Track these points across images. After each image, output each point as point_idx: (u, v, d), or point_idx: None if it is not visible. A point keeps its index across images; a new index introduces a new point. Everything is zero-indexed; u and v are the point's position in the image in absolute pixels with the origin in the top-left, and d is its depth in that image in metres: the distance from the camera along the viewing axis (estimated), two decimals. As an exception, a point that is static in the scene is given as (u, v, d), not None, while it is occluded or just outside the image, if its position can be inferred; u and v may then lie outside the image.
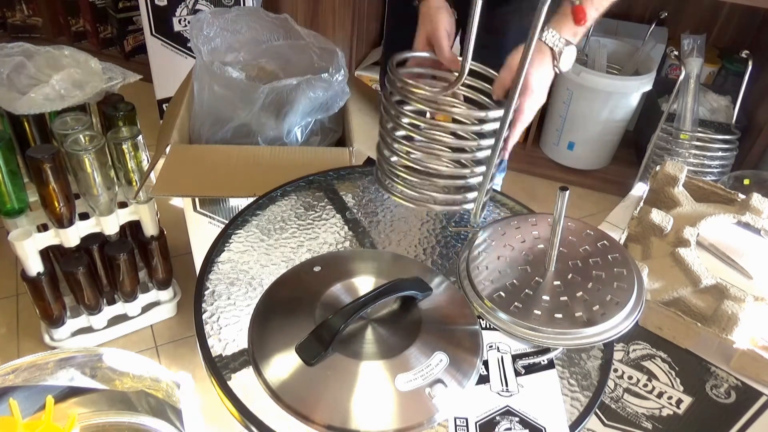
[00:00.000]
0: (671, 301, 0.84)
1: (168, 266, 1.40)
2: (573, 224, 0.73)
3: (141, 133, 1.19)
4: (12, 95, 1.12)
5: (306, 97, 1.05)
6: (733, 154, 1.75)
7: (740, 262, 0.91)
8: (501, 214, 0.85)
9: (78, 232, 1.20)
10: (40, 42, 1.29)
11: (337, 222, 0.81)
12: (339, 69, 1.08)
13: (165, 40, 1.82)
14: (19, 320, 1.43)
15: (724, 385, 0.83)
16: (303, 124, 1.09)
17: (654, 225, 0.94)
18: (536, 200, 1.96)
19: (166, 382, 0.75)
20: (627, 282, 0.65)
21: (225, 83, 1.05)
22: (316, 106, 1.07)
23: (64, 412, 0.71)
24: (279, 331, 0.60)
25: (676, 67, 2.00)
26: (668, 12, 1.95)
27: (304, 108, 1.06)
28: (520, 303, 0.63)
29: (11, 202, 1.17)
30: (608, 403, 0.93)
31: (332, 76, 1.06)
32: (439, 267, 0.75)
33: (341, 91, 1.09)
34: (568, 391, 0.61)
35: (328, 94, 1.07)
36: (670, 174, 1.03)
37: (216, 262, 0.72)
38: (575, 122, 1.94)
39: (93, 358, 0.73)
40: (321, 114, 1.10)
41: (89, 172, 1.12)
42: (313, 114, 1.09)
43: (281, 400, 0.55)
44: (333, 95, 1.08)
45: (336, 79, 1.07)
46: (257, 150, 1.03)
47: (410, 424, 0.54)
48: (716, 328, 0.80)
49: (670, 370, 0.87)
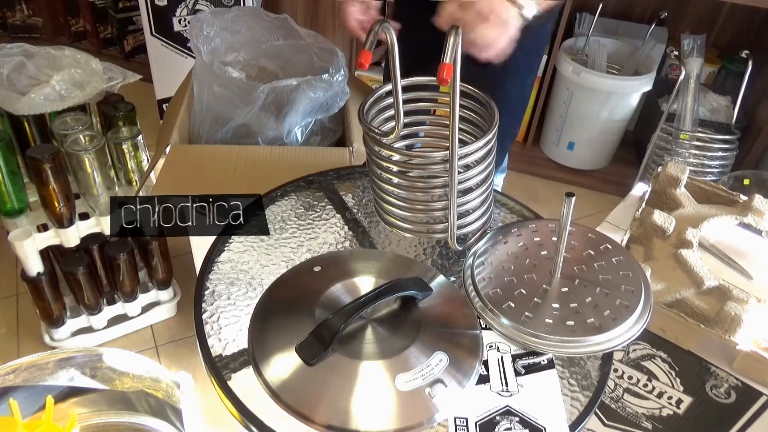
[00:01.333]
0: (674, 302, 0.84)
1: (168, 266, 1.40)
2: (574, 228, 0.72)
3: (141, 133, 1.19)
4: (12, 96, 1.12)
5: (306, 98, 1.05)
6: (733, 154, 1.75)
7: (742, 264, 0.91)
8: (501, 214, 0.85)
9: (78, 232, 1.20)
10: (40, 42, 1.29)
11: (337, 222, 0.81)
12: (339, 69, 1.08)
13: (165, 40, 1.82)
14: (19, 320, 1.43)
15: (724, 385, 0.83)
16: (303, 124, 1.09)
17: (656, 226, 0.94)
18: (536, 200, 1.96)
19: (166, 382, 0.75)
20: (634, 284, 0.65)
21: (225, 83, 1.05)
22: (316, 106, 1.07)
23: (64, 412, 0.71)
24: (279, 331, 0.60)
25: (676, 67, 2.00)
26: (668, 12, 1.95)
27: (304, 108, 1.06)
28: (531, 312, 0.63)
29: (11, 202, 1.17)
30: (608, 403, 0.93)
31: (332, 77, 1.06)
32: (439, 267, 0.75)
33: (341, 91, 1.09)
34: (568, 391, 0.61)
35: (328, 95, 1.07)
36: (671, 175, 1.03)
37: (216, 262, 0.72)
38: (575, 122, 1.94)
39: (93, 358, 0.73)
40: (321, 114, 1.10)
41: (89, 172, 1.12)
42: (313, 114, 1.09)
43: (281, 400, 0.55)
44: (333, 95, 1.08)
45: (336, 79, 1.07)
46: (257, 150, 1.03)
47: (410, 424, 0.54)
48: (719, 329, 0.80)
49: (670, 370, 0.87)
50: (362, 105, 0.70)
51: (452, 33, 0.54)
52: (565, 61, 1.85)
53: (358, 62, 0.58)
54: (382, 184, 0.71)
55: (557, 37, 1.85)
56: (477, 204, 0.71)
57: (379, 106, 0.73)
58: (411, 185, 0.69)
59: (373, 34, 0.59)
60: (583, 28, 1.96)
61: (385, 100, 0.73)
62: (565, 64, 1.85)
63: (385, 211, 0.73)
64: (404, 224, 0.72)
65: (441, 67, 0.53)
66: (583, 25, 1.97)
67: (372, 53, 0.58)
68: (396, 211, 0.72)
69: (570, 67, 1.84)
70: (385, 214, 0.73)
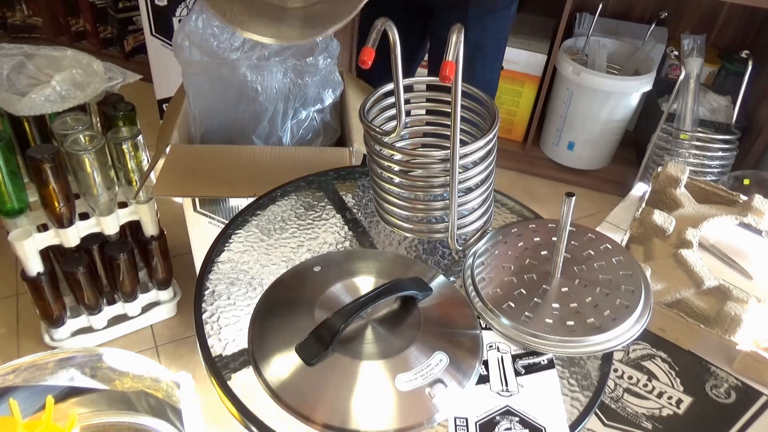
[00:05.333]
0: (674, 302, 0.84)
1: (168, 266, 1.40)
2: (574, 228, 0.72)
3: (141, 133, 1.19)
4: (12, 97, 1.12)
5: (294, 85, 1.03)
6: (733, 154, 1.75)
7: (742, 264, 0.91)
8: (501, 214, 0.85)
9: (78, 232, 1.20)
10: (40, 42, 1.29)
11: (337, 222, 0.81)
12: (323, 51, 1.06)
13: (165, 40, 1.81)
14: (19, 320, 1.43)
15: (724, 385, 0.83)
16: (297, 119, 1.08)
17: (656, 226, 0.94)
18: (536, 200, 1.96)
19: (166, 382, 0.75)
20: (634, 284, 0.65)
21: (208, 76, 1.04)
22: (307, 96, 1.06)
23: (64, 412, 0.71)
24: (279, 331, 0.60)
25: (676, 67, 2.00)
26: (668, 12, 1.95)
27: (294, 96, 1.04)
28: (531, 312, 0.62)
29: (11, 202, 1.17)
30: (608, 403, 0.93)
31: (316, 59, 1.04)
32: (439, 267, 0.75)
33: (331, 79, 1.08)
34: (568, 391, 0.61)
35: (316, 80, 1.05)
36: (671, 175, 1.03)
37: (216, 262, 0.72)
38: (575, 122, 1.94)
39: (93, 358, 0.73)
40: (314, 105, 1.08)
41: (89, 172, 1.12)
42: (307, 106, 1.07)
43: (281, 400, 0.55)
44: (321, 82, 1.06)
45: (319, 61, 1.04)
46: (257, 150, 1.03)
47: (410, 424, 0.54)
48: (719, 329, 0.80)
49: (670, 370, 0.87)
50: (363, 104, 0.70)
51: (455, 31, 0.54)
52: (565, 61, 1.85)
53: (361, 59, 0.57)
54: (383, 183, 0.71)
55: (557, 37, 1.85)
56: (477, 204, 0.72)
57: (380, 106, 0.73)
58: (412, 185, 0.69)
59: (376, 31, 0.59)
60: (583, 28, 1.96)
61: (386, 99, 0.73)
62: (565, 64, 1.85)
63: (385, 210, 0.73)
64: (405, 224, 0.72)
65: (444, 64, 0.53)
66: (583, 25, 1.97)
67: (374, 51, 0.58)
68: (396, 210, 0.72)
69: (570, 67, 1.84)
70: (386, 214, 0.73)
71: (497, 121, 0.67)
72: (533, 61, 1.93)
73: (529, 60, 1.93)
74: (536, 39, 1.94)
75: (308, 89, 1.06)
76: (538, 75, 1.95)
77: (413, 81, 0.74)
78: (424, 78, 0.74)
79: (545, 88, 1.95)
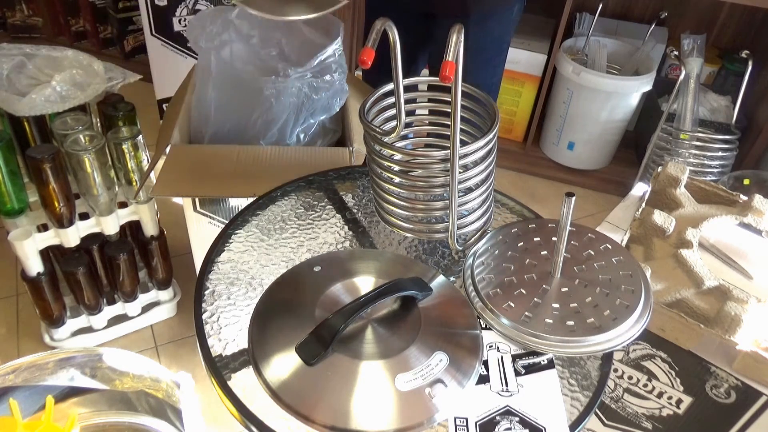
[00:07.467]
0: (674, 302, 0.84)
1: (168, 266, 1.40)
2: (574, 228, 0.72)
3: (141, 133, 1.19)
4: (12, 97, 1.12)
5: (308, 99, 1.04)
6: (733, 154, 1.75)
7: (742, 264, 0.91)
8: (501, 214, 0.85)
9: (78, 232, 1.20)
10: (40, 42, 1.29)
11: (337, 222, 0.81)
12: (339, 67, 1.07)
13: (165, 40, 1.81)
14: (19, 320, 1.43)
15: (724, 385, 0.83)
16: (305, 126, 1.09)
17: (656, 226, 0.94)
18: (536, 200, 1.96)
19: (166, 382, 0.75)
20: (634, 284, 0.65)
21: (225, 83, 1.05)
22: (318, 107, 1.07)
23: (64, 412, 0.71)
24: (279, 331, 0.60)
25: (676, 67, 2.00)
26: (668, 12, 1.95)
27: (306, 109, 1.06)
28: (531, 312, 0.63)
29: (11, 202, 1.17)
30: (608, 403, 0.93)
31: (332, 75, 1.06)
32: (439, 267, 0.75)
33: (341, 90, 1.09)
34: (568, 391, 0.61)
35: (329, 94, 1.07)
36: (671, 175, 1.03)
37: (216, 262, 0.72)
38: (575, 122, 1.94)
39: (93, 358, 0.73)
40: (322, 114, 1.09)
41: (89, 172, 1.12)
42: (315, 115, 1.08)
43: (281, 400, 0.55)
44: (333, 94, 1.08)
45: (335, 77, 1.06)
46: (257, 150, 1.03)
47: (410, 424, 0.54)
48: (719, 329, 0.80)
49: (670, 370, 0.87)
50: (363, 104, 0.70)
51: (455, 31, 0.54)
52: (565, 61, 1.85)
53: (361, 60, 0.57)
54: (383, 183, 0.71)
55: (557, 37, 1.85)
56: (477, 204, 0.72)
57: (380, 106, 0.73)
58: (412, 185, 0.69)
59: (376, 31, 0.59)
60: (583, 28, 1.96)
61: (386, 99, 0.73)
62: (565, 64, 1.85)
63: (385, 210, 0.73)
64: (405, 224, 0.72)
65: (444, 64, 0.53)
66: (583, 25, 1.97)
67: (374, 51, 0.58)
68: (396, 210, 0.72)
69: (570, 67, 1.84)
70: (386, 214, 0.73)
71: (497, 121, 0.67)
72: (533, 61, 1.93)
73: (529, 60, 1.93)
74: (536, 39, 1.94)
75: (320, 102, 1.07)
76: (538, 75, 1.95)
77: (413, 81, 0.74)
78: (425, 78, 0.74)
79: (545, 88, 1.95)
